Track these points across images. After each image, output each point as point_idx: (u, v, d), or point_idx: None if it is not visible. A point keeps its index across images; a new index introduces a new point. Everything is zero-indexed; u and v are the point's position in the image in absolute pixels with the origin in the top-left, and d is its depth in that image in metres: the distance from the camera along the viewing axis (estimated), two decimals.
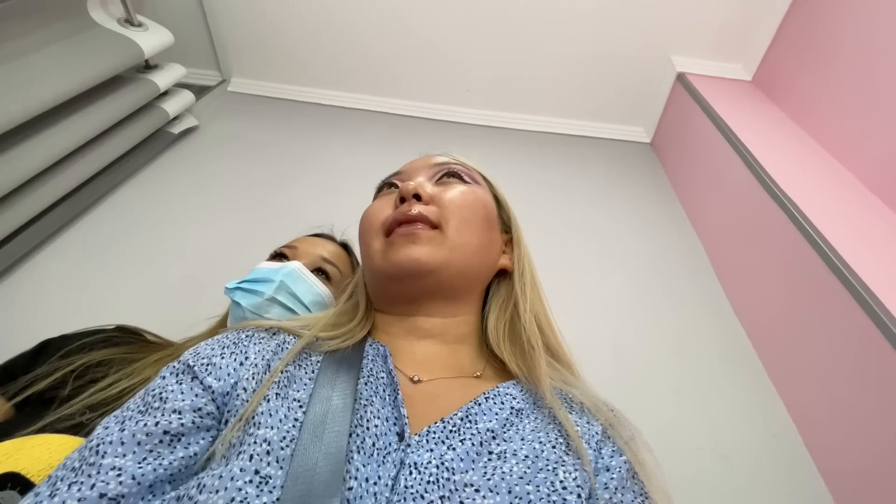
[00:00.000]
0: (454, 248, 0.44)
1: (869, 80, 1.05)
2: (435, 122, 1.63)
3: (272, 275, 0.67)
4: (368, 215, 0.49)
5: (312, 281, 0.69)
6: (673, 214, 1.33)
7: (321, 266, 0.73)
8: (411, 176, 0.51)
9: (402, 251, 0.43)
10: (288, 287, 0.67)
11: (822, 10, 1.22)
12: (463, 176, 0.51)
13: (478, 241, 0.47)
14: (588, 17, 1.45)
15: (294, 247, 0.75)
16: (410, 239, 0.44)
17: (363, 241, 0.49)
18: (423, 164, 0.53)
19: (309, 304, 0.67)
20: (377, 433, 0.35)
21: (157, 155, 1.31)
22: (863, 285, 0.75)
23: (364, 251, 0.49)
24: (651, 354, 0.95)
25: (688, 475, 0.75)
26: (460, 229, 0.45)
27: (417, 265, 0.43)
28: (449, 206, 0.46)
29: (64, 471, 0.32)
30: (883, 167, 0.99)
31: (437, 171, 0.51)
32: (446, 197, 0.47)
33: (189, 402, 0.35)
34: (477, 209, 0.48)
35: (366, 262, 0.48)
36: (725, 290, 1.10)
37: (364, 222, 0.50)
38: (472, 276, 0.48)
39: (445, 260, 0.44)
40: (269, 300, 0.66)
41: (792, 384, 0.88)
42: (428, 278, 0.44)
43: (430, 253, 0.43)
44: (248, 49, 1.63)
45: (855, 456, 0.73)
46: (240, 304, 0.66)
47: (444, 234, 0.45)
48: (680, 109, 1.49)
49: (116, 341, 0.66)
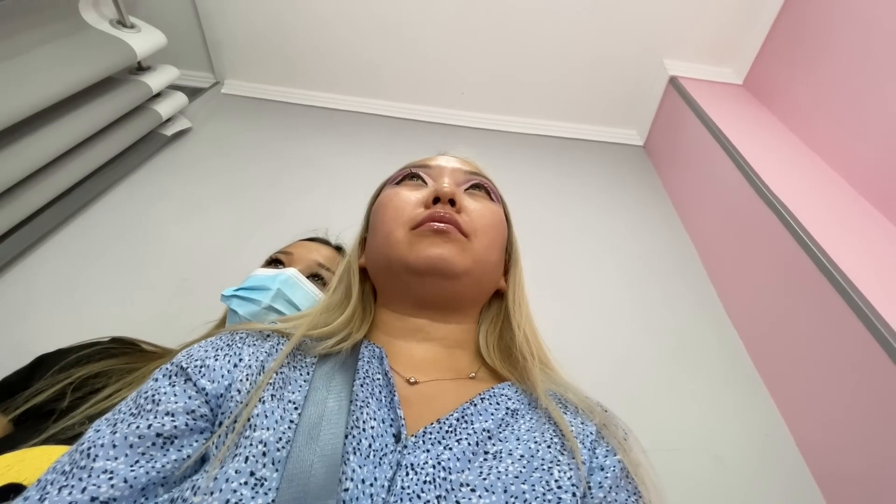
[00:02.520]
0: (477, 260, 0.45)
1: (857, 84, 1.07)
2: (429, 125, 1.64)
3: (268, 282, 0.67)
4: (396, 203, 0.48)
5: (309, 288, 0.69)
6: (666, 216, 1.34)
7: (317, 272, 0.72)
8: (441, 174, 0.51)
9: (433, 248, 0.43)
10: (285, 294, 0.66)
11: (812, 14, 1.24)
12: (490, 193, 0.52)
13: (495, 260, 0.49)
14: (582, 20, 1.46)
15: (289, 252, 0.74)
16: (442, 238, 0.44)
17: (384, 226, 0.47)
18: (453, 166, 0.53)
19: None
20: (373, 434, 0.35)
21: (149, 157, 1.30)
22: (851, 286, 0.76)
23: (383, 238, 0.47)
24: (644, 356, 0.96)
25: (681, 475, 0.76)
26: (486, 245, 0.47)
27: (444, 264, 0.43)
28: (479, 221, 0.47)
29: (54, 474, 0.31)
30: (871, 170, 1.00)
31: (468, 179, 0.51)
32: (477, 211, 0.48)
33: (182, 405, 0.35)
34: (500, 231, 0.50)
35: (383, 250, 0.46)
36: (717, 292, 1.11)
37: (390, 208, 0.48)
38: (483, 291, 0.49)
39: (469, 268, 0.44)
40: (266, 308, 0.65)
41: (783, 384, 0.89)
42: (449, 281, 0.44)
43: (459, 257, 0.44)
44: (241, 51, 1.62)
45: (846, 456, 0.73)
46: (237, 313, 0.66)
47: (471, 244, 0.45)
48: (672, 113, 1.50)
49: (113, 352, 0.66)
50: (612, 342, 0.97)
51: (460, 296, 0.47)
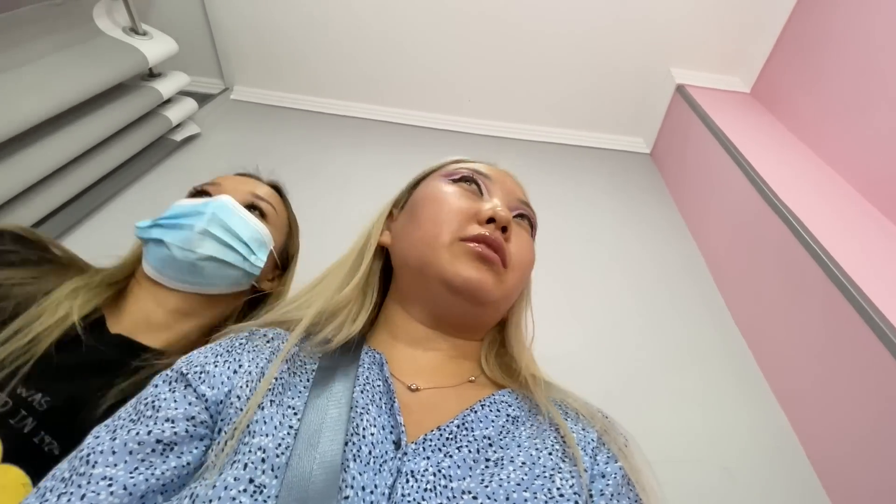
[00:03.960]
0: (506, 294, 0.45)
1: (865, 92, 1.06)
2: (436, 132, 1.64)
3: (201, 208, 0.60)
4: (449, 203, 0.45)
5: (246, 216, 0.62)
6: (673, 224, 1.33)
7: (254, 203, 0.66)
8: (497, 191, 0.49)
9: (475, 271, 0.42)
10: (221, 220, 0.60)
11: (819, 23, 1.24)
12: (532, 228, 0.52)
13: (516, 295, 0.49)
14: (590, 29, 1.47)
15: (217, 184, 0.67)
16: (486, 264, 0.42)
17: (430, 224, 0.44)
18: (508, 185, 0.51)
19: (248, 240, 0.62)
20: (373, 441, 0.35)
21: (158, 162, 1.32)
22: (862, 294, 0.75)
23: (422, 235, 0.44)
24: (651, 364, 0.95)
25: (690, 487, 0.74)
26: (517, 282, 0.46)
27: (480, 292, 0.42)
28: (518, 258, 0.46)
29: (53, 481, 0.31)
30: (880, 177, 0.99)
31: (518, 208, 0.50)
32: (520, 247, 0.47)
33: (182, 411, 0.35)
34: (530, 270, 0.50)
35: (422, 250, 0.44)
36: (725, 300, 1.10)
37: (441, 206, 0.45)
38: (497, 319, 0.50)
39: (498, 300, 0.44)
40: (201, 233, 0.59)
41: (793, 395, 0.87)
42: (478, 307, 0.44)
43: (494, 286, 0.43)
44: (250, 58, 1.64)
45: (857, 466, 0.72)
46: (163, 242, 0.58)
47: (506, 276, 0.44)
48: (679, 121, 1.50)
49: (11, 259, 0.54)
50: (619, 351, 0.96)
51: (479, 321, 0.47)
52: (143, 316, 0.58)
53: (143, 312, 0.59)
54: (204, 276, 0.60)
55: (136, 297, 0.60)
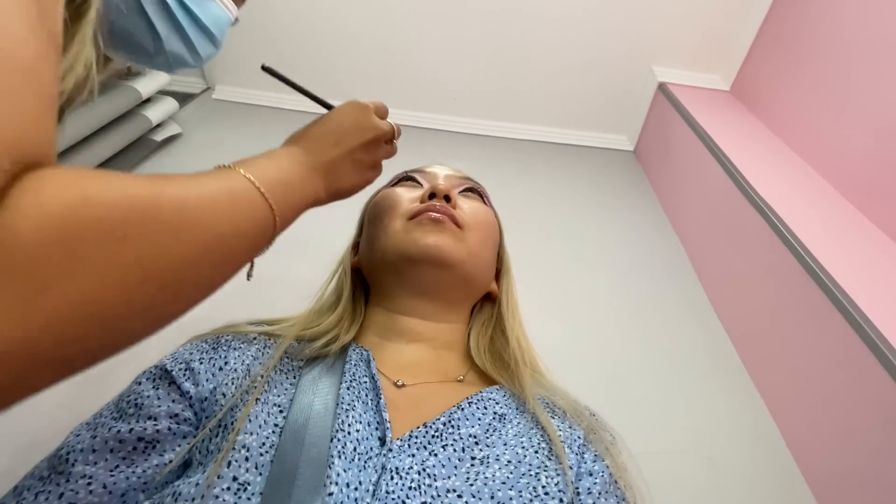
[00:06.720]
0: (471, 253, 0.47)
1: (841, 90, 1.09)
2: (421, 130, 1.64)
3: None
4: (391, 199, 0.50)
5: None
6: (656, 220, 1.35)
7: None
8: (436, 177, 0.53)
9: (430, 236, 0.45)
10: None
11: (796, 22, 1.27)
12: (484, 198, 0.55)
13: (487, 257, 0.50)
14: (572, 27, 1.48)
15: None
16: (438, 227, 0.45)
17: (379, 221, 0.49)
18: (447, 171, 0.55)
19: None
20: (358, 438, 0.35)
21: (139, 163, 1.29)
22: (837, 287, 0.77)
23: (378, 231, 0.48)
24: (635, 359, 0.96)
25: (674, 477, 0.76)
26: (479, 240, 0.48)
27: (439, 252, 0.44)
28: (473, 217, 0.49)
29: (31, 480, 0.31)
30: (854, 173, 1.02)
31: (462, 184, 0.54)
32: (471, 208, 0.50)
33: (165, 408, 0.34)
34: (492, 230, 0.52)
35: (378, 243, 0.48)
36: (708, 295, 1.12)
37: (384, 204, 0.50)
38: (474, 288, 0.50)
39: (463, 259, 0.46)
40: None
41: (773, 385, 0.90)
42: (443, 271, 0.45)
43: (454, 246, 0.45)
44: (232, 57, 1.62)
45: (837, 457, 0.74)
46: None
47: (465, 236, 0.47)
48: (661, 118, 1.52)
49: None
50: (602, 346, 0.97)
51: (453, 288, 0.47)
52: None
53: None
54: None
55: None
